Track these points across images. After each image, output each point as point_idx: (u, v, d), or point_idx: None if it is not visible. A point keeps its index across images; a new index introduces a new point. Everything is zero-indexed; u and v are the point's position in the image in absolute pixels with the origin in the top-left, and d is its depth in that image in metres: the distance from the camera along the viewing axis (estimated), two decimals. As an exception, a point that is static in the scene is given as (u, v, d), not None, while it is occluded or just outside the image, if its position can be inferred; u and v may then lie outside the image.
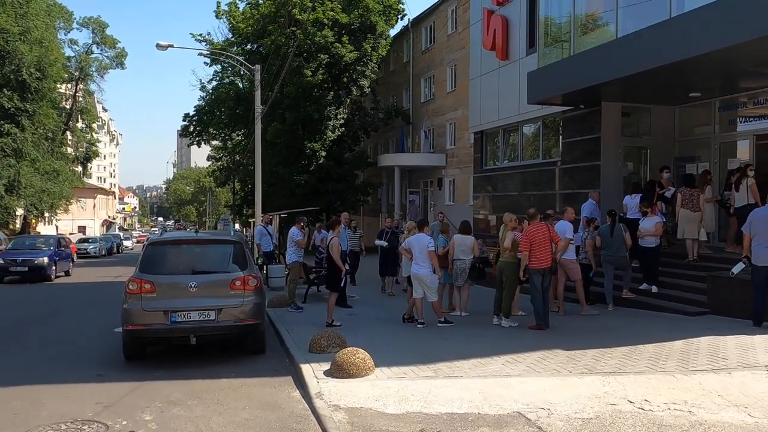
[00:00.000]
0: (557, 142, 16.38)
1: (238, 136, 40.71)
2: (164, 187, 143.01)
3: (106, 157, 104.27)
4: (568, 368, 6.71)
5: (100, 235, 55.63)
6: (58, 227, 52.49)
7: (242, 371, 7.58)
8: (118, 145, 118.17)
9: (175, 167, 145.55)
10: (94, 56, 49.19)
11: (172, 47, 21.01)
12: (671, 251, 12.16)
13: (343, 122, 31.27)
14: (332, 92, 30.48)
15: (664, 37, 10.72)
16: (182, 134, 46.20)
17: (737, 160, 13.54)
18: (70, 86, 47.73)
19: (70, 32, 46.73)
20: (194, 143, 41.24)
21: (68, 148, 47.36)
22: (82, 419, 5.77)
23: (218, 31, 58.88)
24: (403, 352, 7.79)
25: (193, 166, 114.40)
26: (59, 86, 42.79)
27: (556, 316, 10.06)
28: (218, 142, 43.85)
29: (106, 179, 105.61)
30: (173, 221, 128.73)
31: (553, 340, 8.31)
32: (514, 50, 17.81)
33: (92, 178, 74.29)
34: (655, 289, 11.04)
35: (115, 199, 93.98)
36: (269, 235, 16.04)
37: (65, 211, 45.95)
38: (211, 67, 36.79)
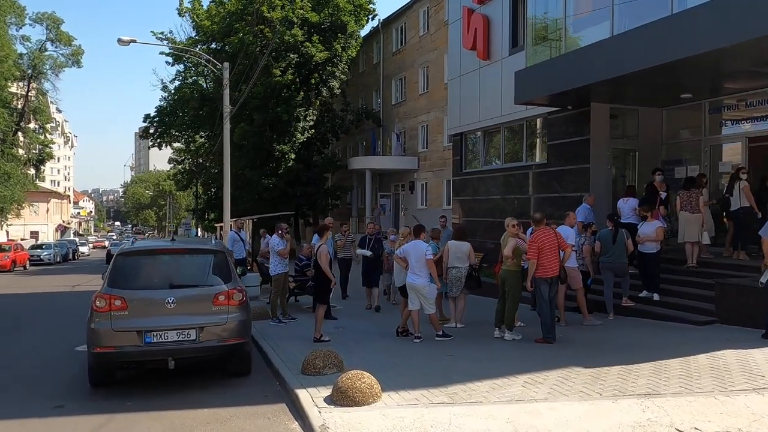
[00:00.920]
0: (543, 144, 15.91)
1: (201, 138, 39.31)
2: (122, 190, 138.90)
3: (60, 159, 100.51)
4: (596, 390, 6.08)
5: (54, 240, 53.22)
6: (8, 233, 49.86)
7: (228, 398, 6.71)
8: (72, 147, 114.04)
9: (133, 170, 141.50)
10: (48, 54, 46.86)
11: (134, 42, 19.85)
12: (668, 256, 11.73)
13: (312, 124, 30.37)
14: (302, 93, 29.54)
15: (660, 35, 10.29)
16: (142, 136, 44.53)
17: (728, 162, 13.28)
18: (22, 85, 45.39)
19: (22, 28, 44.38)
20: (155, 145, 39.67)
21: (20, 149, 44.97)
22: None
23: (181, 29, 57.37)
24: (408, 372, 7.04)
25: (152, 169, 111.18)
26: (10, 84, 40.61)
27: (558, 327, 9.45)
28: (180, 144, 42.30)
29: (60, 182, 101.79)
30: (131, 226, 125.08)
31: (566, 355, 7.68)
32: (496, 50, 17.29)
33: (45, 181, 71.11)
34: (656, 296, 10.58)
35: (69, 203, 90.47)
36: (242, 241, 15.07)
37: (17, 215, 43.69)
38: (173, 66, 35.40)
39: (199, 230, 50.92)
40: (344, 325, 10.57)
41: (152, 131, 37.71)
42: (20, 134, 44.99)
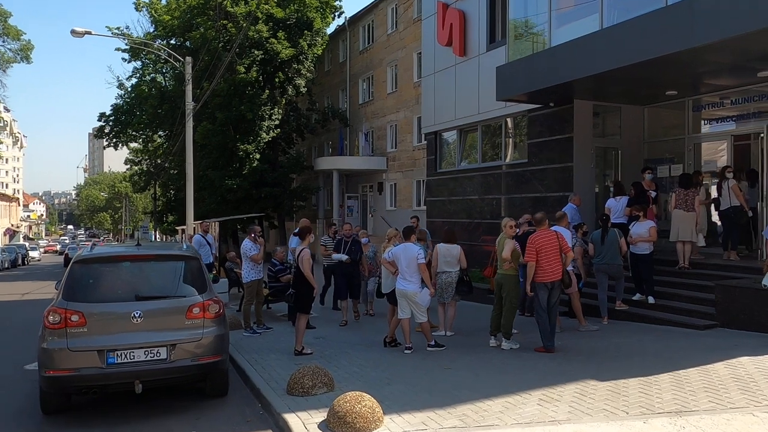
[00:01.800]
0: (523, 142, 15.44)
1: (160, 137, 37.83)
2: (74, 193, 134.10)
3: (8, 160, 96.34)
4: (620, 407, 5.50)
5: (2, 245, 50.59)
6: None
7: (204, 425, 5.90)
8: (22, 148, 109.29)
9: (86, 172, 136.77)
10: (-6, 49, 44.46)
11: (89, 34, 18.62)
12: (657, 257, 11.35)
13: (278, 123, 29.39)
14: (267, 91, 28.55)
15: (650, 29, 9.90)
16: (97, 136, 42.52)
17: (713, 161, 13.05)
18: (-35, 81, 43.02)
19: (-35, 21, 41.99)
20: (111, 145, 37.94)
21: (-36, 150, 42.59)
22: None
23: (138, 25, 54.77)
24: (407, 389, 6.34)
25: (107, 170, 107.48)
26: (-47, 81, 38.37)
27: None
28: (138, 144, 40.66)
29: (8, 185, 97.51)
30: (84, 229, 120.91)
31: (573, 366, 7.12)
32: (472, 46, 16.78)
33: (-8, 183, 67.86)
34: (651, 299, 10.15)
35: (19, 206, 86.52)
36: (208, 245, 14.13)
37: (-39, 219, 41.23)
38: (130, 63, 33.87)
39: (157, 234, 49.16)
40: (324, 334, 9.80)
41: (108, 131, 36.03)
42: (-36, 134, 42.58)
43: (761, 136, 11.08)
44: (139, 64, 34.25)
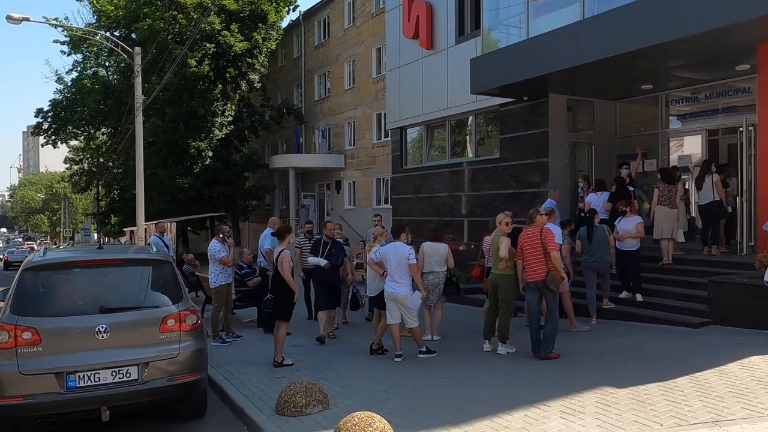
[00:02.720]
0: (495, 137, 15.06)
1: (104, 135, 35.91)
2: (8, 194, 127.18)
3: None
4: (650, 418, 5.04)
5: (-73, 251, 47.14)
6: None
7: (184, 454, 5.12)
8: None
9: (20, 172, 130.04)
10: None
11: (27, 20, 17.18)
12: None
13: (231, 119, 28.23)
14: (219, 86, 27.36)
15: (631, 21, 9.64)
16: (34, 133, 40.13)
17: (687, 156, 12.97)
18: None
19: None
20: (49, 143, 35.73)
21: None
22: None
23: (78, 15, 52.04)
24: (411, 404, 5.72)
25: (43, 170, 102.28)
26: None
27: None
28: (79, 142, 38.52)
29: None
30: (19, 232, 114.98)
31: (581, 371, 6.66)
32: (440, 39, 16.30)
33: None
34: (639, 297, 9.86)
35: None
36: (166, 246, 13.13)
37: None
38: (69, 56, 31.81)
39: (98, 236, 46.83)
40: (301, 342, 9.06)
41: (46, 127, 33.89)
42: None
43: (740, 130, 10.98)
44: (80, 57, 32.35)
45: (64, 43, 30.88)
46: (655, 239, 10.83)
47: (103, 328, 5.16)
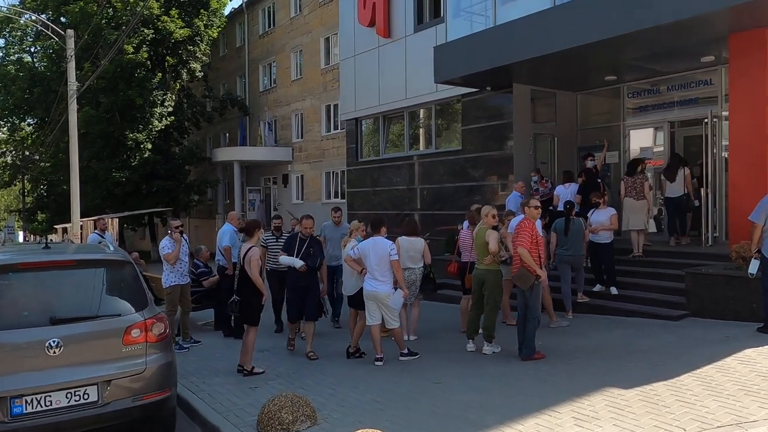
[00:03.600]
0: (456, 129, 14.69)
1: (30, 126, 33.57)
2: None
3: None
4: (671, 423, 4.71)
5: None
6: None
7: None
8: None
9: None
10: None
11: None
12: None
13: (171, 110, 26.82)
14: (159, 74, 25.92)
15: (604, 8, 9.44)
16: (-50, 123, 37.09)
17: (649, 148, 12.98)
18: None
19: None
20: (-32, 134, 33.15)
21: None
22: None
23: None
24: (409, 415, 5.19)
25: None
26: None
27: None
28: (2, 133, 35.89)
29: None
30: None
31: (578, 372, 6.32)
32: (398, 27, 15.79)
33: None
34: (614, 290, 9.68)
35: None
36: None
37: None
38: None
39: (24, 234, 43.94)
40: (269, 347, 8.37)
41: (-36, 117, 31.37)
42: None
43: (705, 122, 11.00)
44: (1, 41, 30.07)
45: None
46: (623, 230, 10.72)
47: (54, 342, 4.37)
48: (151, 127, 25.80)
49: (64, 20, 26.14)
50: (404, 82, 15.61)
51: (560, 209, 10.57)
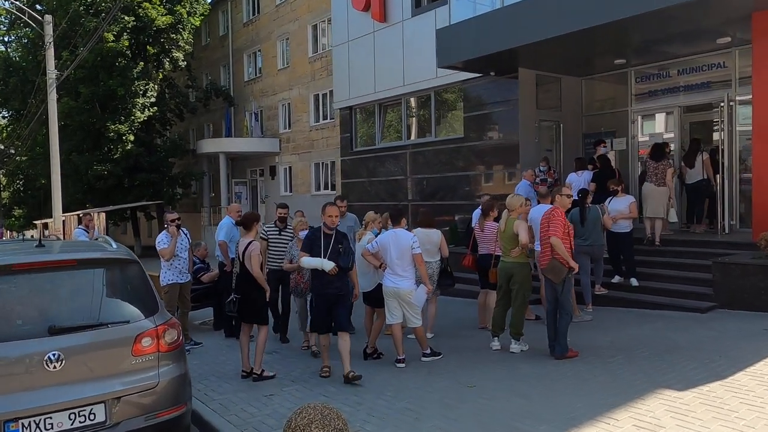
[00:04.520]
0: (458, 116, 14.19)
1: (4, 118, 32.41)
2: None
3: None
4: (742, 429, 4.28)
5: None
6: None
7: None
8: None
9: None
10: None
11: None
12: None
13: (153, 101, 25.93)
14: (141, 63, 24.99)
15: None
16: None
17: (659, 134, 12.59)
18: None
19: None
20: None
21: None
22: None
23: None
24: (451, 426, 4.69)
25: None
26: None
27: (535, 324, 7.79)
28: (-25, 126, 34.72)
29: None
30: None
31: (620, 371, 5.86)
32: (394, 10, 15.22)
33: None
34: (634, 282, 9.29)
35: None
36: (95, 242, 11.37)
37: None
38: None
39: (1, 231, 42.64)
40: (276, 348, 7.82)
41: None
42: None
43: (721, 105, 10.63)
44: (-27, 30, 28.90)
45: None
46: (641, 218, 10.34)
47: (54, 355, 3.79)
48: (133, 118, 24.90)
49: (40, 7, 25.11)
50: (402, 68, 15.06)
51: (574, 198, 10.15)
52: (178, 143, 28.26)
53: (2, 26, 28.79)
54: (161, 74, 26.75)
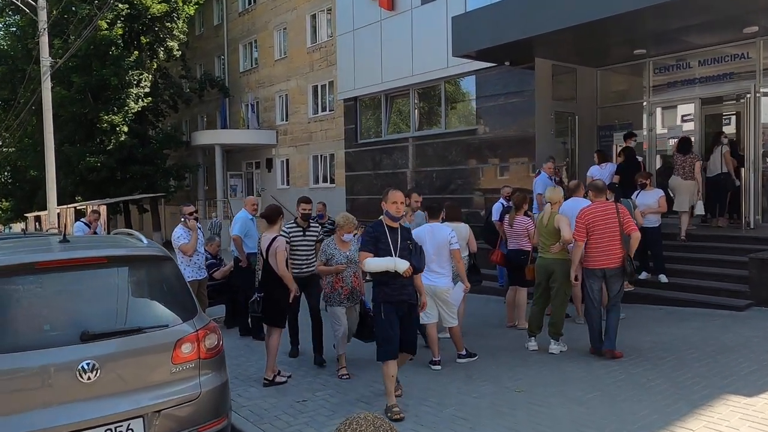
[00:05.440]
0: (470, 107, 13.81)
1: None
2: None
3: None
4: (833, 441, 3.97)
5: None
6: None
7: None
8: None
9: None
10: None
11: None
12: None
13: (147, 91, 25.29)
14: (135, 52, 24.33)
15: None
16: None
17: (679, 126, 12.30)
18: None
19: None
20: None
21: None
22: None
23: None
24: (510, 438, 4.35)
25: None
26: None
27: (574, 325, 7.47)
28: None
29: None
30: None
31: (675, 374, 5.54)
32: (403, -2, 14.79)
33: None
34: (664, 278, 8.99)
35: None
36: (96, 235, 10.90)
37: None
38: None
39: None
40: (286, 360, 7.39)
41: None
42: None
43: (747, 96, 10.34)
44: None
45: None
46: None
47: (87, 365, 3.38)
48: (126, 109, 24.25)
49: (29, -6, 24.33)
50: (410, 57, 14.65)
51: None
52: (172, 135, 27.64)
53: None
54: (155, 64, 26.10)
